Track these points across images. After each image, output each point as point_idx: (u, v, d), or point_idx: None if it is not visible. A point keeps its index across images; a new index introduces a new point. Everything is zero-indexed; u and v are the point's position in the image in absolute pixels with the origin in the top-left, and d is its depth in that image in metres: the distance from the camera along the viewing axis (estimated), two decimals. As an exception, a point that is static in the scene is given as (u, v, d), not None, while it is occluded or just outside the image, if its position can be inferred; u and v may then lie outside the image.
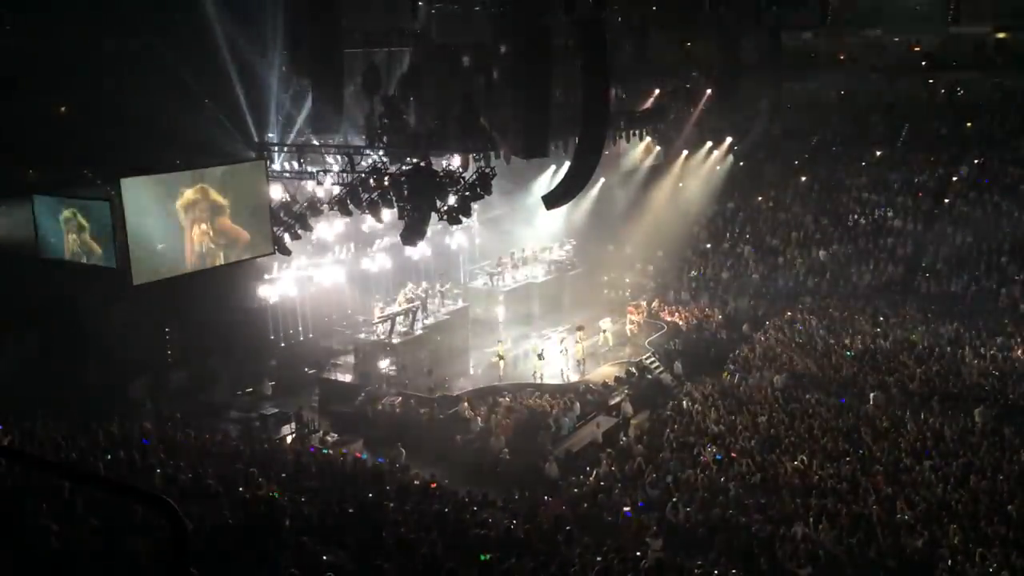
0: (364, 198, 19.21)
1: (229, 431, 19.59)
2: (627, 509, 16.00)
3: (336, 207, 20.00)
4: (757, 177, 35.39)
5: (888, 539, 14.42)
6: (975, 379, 22.17)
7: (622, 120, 24.34)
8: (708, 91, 29.52)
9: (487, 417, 20.99)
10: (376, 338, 23.73)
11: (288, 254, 21.18)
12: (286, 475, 15.29)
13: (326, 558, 10.58)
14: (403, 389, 22.47)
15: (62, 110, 19.19)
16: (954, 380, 22.19)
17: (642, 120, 26.17)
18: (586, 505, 16.57)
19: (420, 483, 16.32)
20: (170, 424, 17.89)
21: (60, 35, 17.62)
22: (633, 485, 17.17)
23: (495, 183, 19.54)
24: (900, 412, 20.29)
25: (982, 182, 32.24)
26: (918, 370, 22.67)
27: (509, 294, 27.97)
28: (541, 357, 24.47)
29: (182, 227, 17.86)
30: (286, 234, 20.20)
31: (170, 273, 17.81)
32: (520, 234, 29.68)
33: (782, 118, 35.49)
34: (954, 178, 32.92)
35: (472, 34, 20.54)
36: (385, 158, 19.42)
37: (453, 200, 19.06)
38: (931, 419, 19.77)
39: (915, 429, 19.15)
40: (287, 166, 21.01)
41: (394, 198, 18.90)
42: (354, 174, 19.38)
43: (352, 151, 19.59)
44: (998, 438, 18.67)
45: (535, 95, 18.05)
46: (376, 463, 17.99)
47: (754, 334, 26.81)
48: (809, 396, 21.61)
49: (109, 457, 13.87)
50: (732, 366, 24.39)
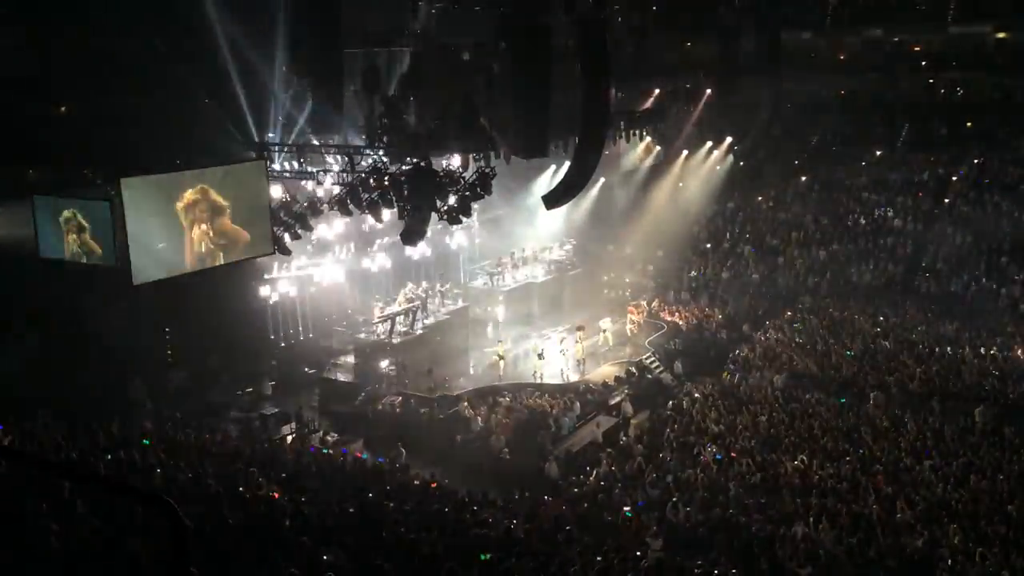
0: (364, 198, 19.21)
1: (229, 431, 19.57)
2: (627, 509, 16.00)
3: (336, 207, 20.01)
4: (757, 177, 35.41)
5: (888, 539, 14.43)
6: (975, 379, 22.18)
7: (622, 120, 24.36)
8: (708, 91, 29.56)
9: (487, 417, 20.98)
10: (376, 338, 23.73)
11: (288, 254, 21.19)
12: (286, 475, 15.29)
13: (326, 558, 10.59)
14: (403, 389, 22.46)
15: (62, 110, 19.17)
16: (954, 380, 22.20)
17: (642, 120, 26.18)
18: (586, 505, 16.56)
19: (420, 483, 16.34)
20: (170, 424, 17.88)
21: (60, 35, 17.60)
22: (633, 485, 17.17)
23: (495, 183, 19.56)
24: (900, 412, 20.31)
25: (982, 182, 32.26)
26: (918, 370, 22.67)
27: (509, 294, 27.97)
28: (541, 357, 24.48)
29: (182, 227, 17.86)
30: (286, 234, 20.21)
31: (170, 273, 17.80)
32: (520, 234, 29.68)
33: (782, 118, 35.46)
34: (954, 178, 32.93)
35: (472, 34, 20.52)
36: (385, 158, 19.41)
37: (453, 200, 19.07)
38: (931, 419, 19.79)
39: (915, 429, 19.17)
40: (287, 166, 21.01)
41: (394, 198, 18.91)
42: (354, 174, 19.38)
43: (352, 151, 19.59)
44: (998, 438, 18.68)
45: (535, 95, 18.05)
46: (376, 463, 18.00)
47: (754, 334, 26.81)
48: (809, 396, 21.63)
49: (109, 457, 13.88)
50: (732, 366, 24.39)
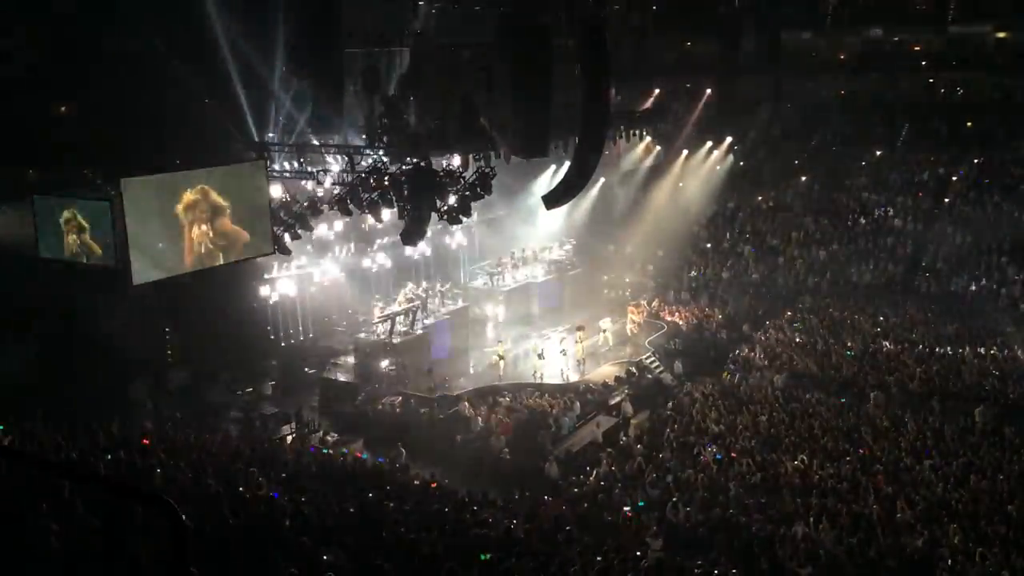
0: (364, 198, 19.21)
1: (229, 431, 19.58)
2: (627, 509, 16.00)
3: (336, 207, 20.01)
4: (757, 177, 35.39)
5: (888, 539, 14.43)
6: (975, 379, 22.18)
7: (622, 120, 24.35)
8: (708, 91, 29.56)
9: (487, 417, 20.98)
10: (376, 338, 23.73)
11: (288, 254, 21.19)
12: (286, 475, 15.29)
13: (326, 558, 10.58)
14: (403, 389, 22.46)
15: (62, 110, 19.17)
16: (954, 380, 22.20)
17: (642, 120, 26.20)
18: (586, 505, 16.56)
19: (420, 483, 16.33)
20: (170, 424, 17.89)
21: (60, 35, 17.59)
22: (633, 485, 17.17)
23: (495, 183, 19.56)
24: (900, 412, 20.32)
25: (982, 182, 32.25)
26: (918, 370, 22.68)
27: (509, 294, 27.96)
28: (541, 357, 24.47)
29: (182, 227, 17.85)
30: (286, 234, 20.21)
31: (170, 273, 17.79)
32: (520, 234, 29.68)
33: (782, 118, 35.48)
34: (954, 178, 32.93)
35: (472, 34, 20.52)
36: (385, 158, 19.41)
37: (453, 200, 19.07)
38: (931, 419, 19.79)
39: (915, 429, 19.17)
40: (287, 166, 21.02)
41: (394, 198, 18.90)
42: (354, 174, 19.38)
43: (352, 151, 19.58)
44: (998, 438, 18.69)
45: (535, 95, 18.03)
46: (376, 463, 18.00)
47: (754, 334, 26.81)
48: (809, 396, 21.62)
49: (109, 457, 13.87)
50: (732, 366, 24.39)
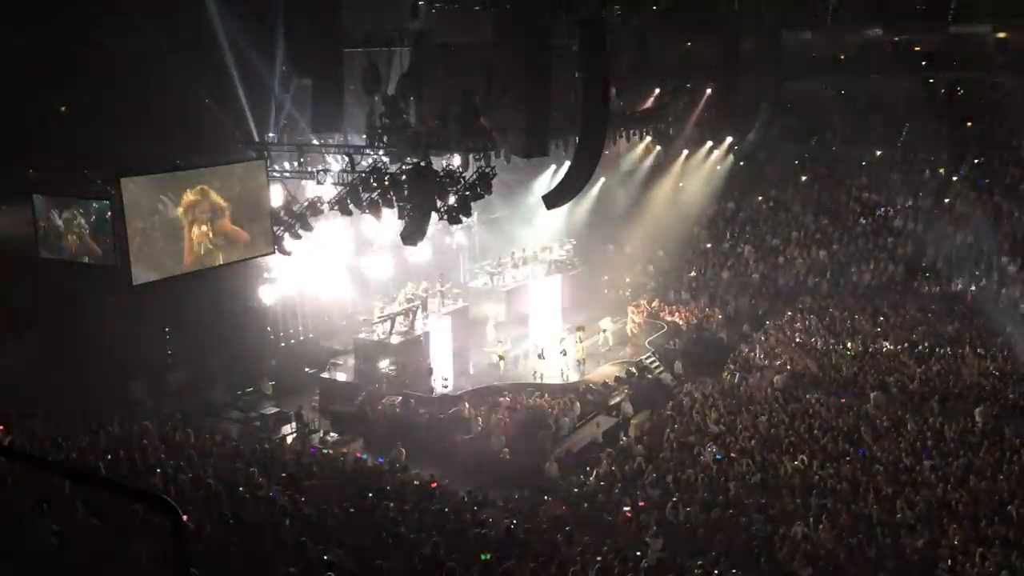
0: (364, 198, 19.22)
1: (229, 431, 19.58)
2: (627, 509, 16.00)
3: (336, 207, 20.02)
4: (757, 177, 35.36)
5: (888, 539, 14.43)
6: (975, 379, 22.16)
7: (622, 120, 24.34)
8: (708, 91, 29.53)
9: (487, 417, 20.98)
10: (376, 338, 23.73)
11: (288, 254, 21.20)
12: (286, 475, 15.29)
13: (326, 558, 10.59)
14: (403, 389, 22.46)
15: (62, 110, 19.17)
16: (954, 380, 22.18)
17: (642, 120, 26.17)
18: (586, 505, 16.57)
19: (420, 483, 16.33)
20: (170, 424, 17.89)
21: (60, 35, 17.60)
22: (633, 485, 17.17)
23: (495, 183, 19.56)
24: (900, 412, 20.31)
25: (982, 182, 32.24)
26: (918, 370, 22.67)
27: (509, 294, 27.96)
28: (542, 357, 24.47)
29: (182, 227, 17.88)
30: (286, 234, 20.22)
31: (170, 273, 17.82)
32: (520, 234, 29.67)
33: (782, 118, 35.43)
34: (954, 178, 32.92)
35: (472, 34, 20.52)
36: (385, 158, 19.42)
37: (453, 200, 19.07)
38: (931, 419, 19.77)
39: (915, 429, 19.15)
40: (287, 166, 21.02)
41: (394, 198, 18.91)
42: (354, 174, 19.38)
43: (352, 151, 19.59)
44: (998, 438, 18.66)
45: (535, 95, 18.07)
46: (376, 463, 18.00)
47: (754, 334, 26.79)
48: (809, 396, 21.62)
49: (109, 457, 13.88)
50: (732, 366, 24.38)
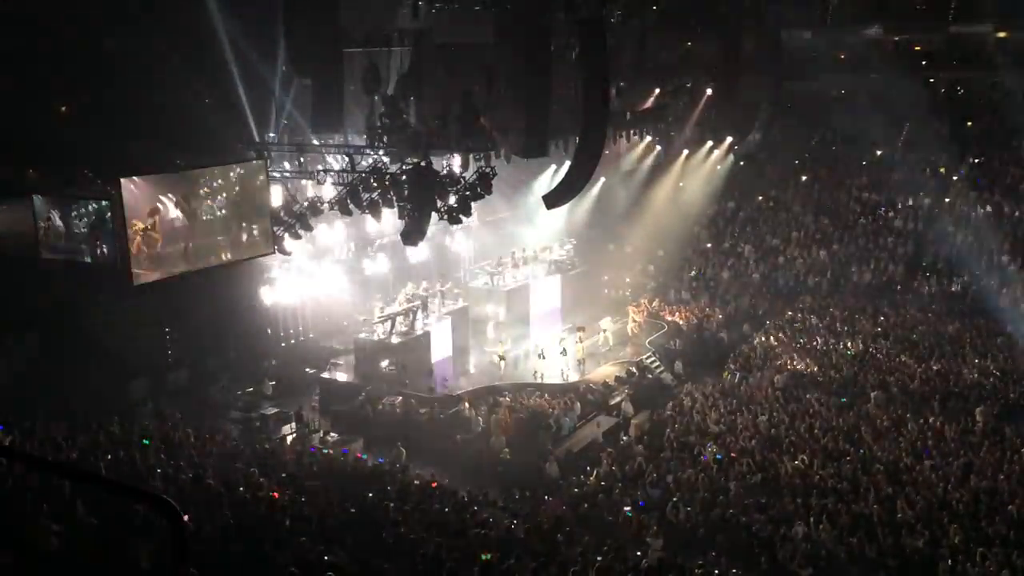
0: (364, 198, 19.22)
1: (229, 431, 19.59)
2: (627, 509, 15.99)
3: (336, 207, 20.02)
4: (757, 177, 35.36)
5: (888, 539, 14.43)
6: (975, 379, 22.16)
7: (622, 120, 24.33)
8: (708, 91, 29.52)
9: (487, 417, 20.97)
10: (376, 338, 23.72)
11: (288, 254, 21.20)
12: (286, 475, 15.30)
13: (326, 558, 10.59)
14: (403, 389, 22.46)
15: (62, 110, 19.17)
16: (954, 380, 22.18)
17: (642, 120, 26.16)
18: (586, 505, 16.56)
19: (420, 483, 16.34)
20: (170, 424, 17.89)
21: (60, 35, 17.60)
22: (633, 485, 17.16)
23: (495, 183, 19.55)
24: (900, 412, 20.30)
25: (982, 182, 32.25)
26: (918, 370, 22.67)
27: (509, 294, 27.95)
28: (542, 357, 24.46)
29: (182, 227, 17.88)
30: (286, 234, 20.23)
31: (170, 273, 17.83)
32: (521, 234, 29.67)
33: (782, 118, 35.42)
34: (954, 178, 32.93)
35: (472, 34, 20.51)
36: (385, 158, 19.42)
37: (453, 200, 19.06)
38: (931, 419, 19.77)
39: (915, 429, 19.15)
40: (287, 166, 21.02)
41: (394, 198, 18.91)
42: (354, 174, 19.38)
43: (352, 151, 19.59)
44: (998, 438, 18.67)
45: (535, 95, 18.07)
46: (376, 463, 18.00)
47: (754, 334, 26.80)
48: (809, 396, 21.61)
49: (109, 457, 13.89)
50: (732, 366, 24.36)
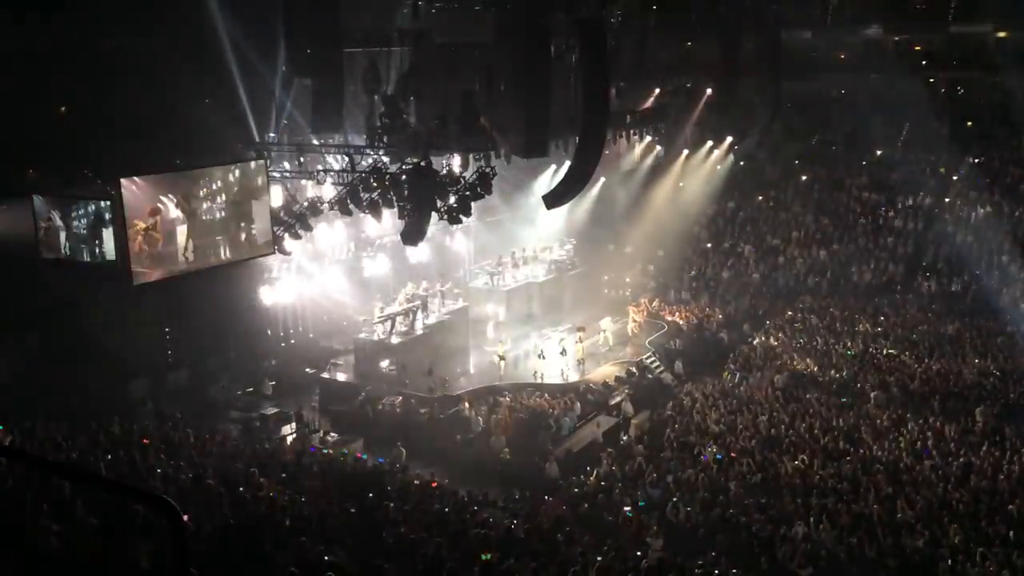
0: (364, 198, 19.21)
1: (229, 431, 19.59)
2: (627, 509, 15.99)
3: (336, 207, 20.01)
4: (757, 177, 35.37)
5: (888, 539, 14.43)
6: (975, 379, 22.16)
7: (622, 120, 24.32)
8: (708, 91, 29.51)
9: (487, 417, 20.97)
10: (376, 338, 23.72)
11: (288, 254, 21.19)
12: (286, 475, 15.29)
13: (326, 558, 10.59)
14: (403, 389, 22.46)
15: (62, 110, 19.15)
16: (954, 380, 22.18)
17: (642, 120, 26.14)
18: (586, 505, 16.56)
19: (420, 483, 16.34)
20: (170, 424, 17.90)
21: (60, 35, 17.60)
22: (634, 485, 17.16)
23: (495, 183, 19.55)
24: (900, 412, 20.31)
25: (982, 182, 32.26)
26: (918, 370, 22.67)
27: (509, 294, 27.96)
28: (542, 357, 24.45)
29: (182, 227, 17.88)
30: (286, 234, 20.22)
31: (170, 273, 17.82)
32: (521, 233, 29.67)
33: (782, 118, 35.41)
34: (954, 178, 32.93)
35: (472, 34, 20.50)
36: (385, 158, 19.41)
37: (453, 200, 19.06)
38: (931, 419, 19.77)
39: (915, 429, 19.15)
40: (287, 166, 21.01)
41: (394, 198, 18.90)
42: (354, 174, 19.38)
43: (352, 151, 19.58)
44: (998, 438, 18.68)
45: (535, 95, 18.05)
46: (376, 463, 18.00)
47: (754, 334, 26.80)
48: (809, 396, 21.61)
49: (109, 457, 13.88)
50: (732, 366, 24.37)
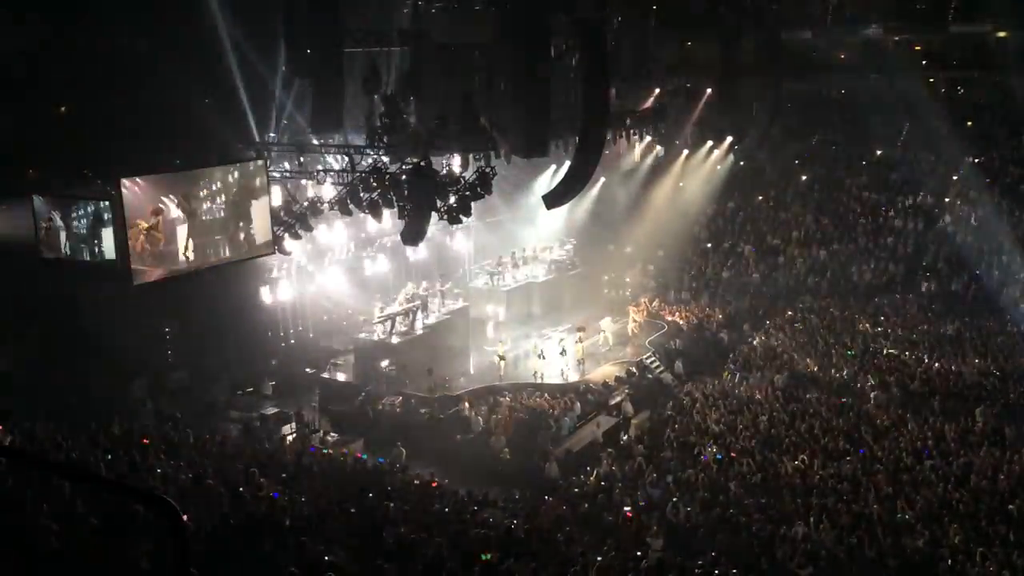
0: (364, 198, 19.22)
1: (229, 431, 19.59)
2: (627, 509, 16.00)
3: (336, 207, 20.02)
4: (757, 176, 35.37)
5: (888, 539, 14.42)
6: (975, 379, 22.16)
7: (622, 120, 24.31)
8: (708, 91, 29.51)
9: (487, 417, 20.98)
10: (376, 338, 23.72)
11: (288, 254, 21.20)
12: (286, 475, 15.29)
13: (326, 558, 10.59)
14: (403, 389, 22.46)
15: (62, 110, 19.16)
16: (954, 380, 22.18)
17: (642, 120, 26.12)
18: (586, 505, 16.57)
19: (420, 483, 16.34)
20: (170, 424, 17.90)
21: (60, 35, 17.60)
22: (634, 485, 17.17)
23: (496, 183, 19.55)
24: (900, 412, 20.30)
25: (982, 182, 32.26)
26: (918, 369, 22.67)
27: (509, 294, 27.96)
28: (542, 357, 24.45)
29: (182, 227, 17.88)
30: (286, 234, 20.23)
31: (170, 273, 17.82)
32: (521, 233, 29.68)
33: (782, 118, 35.38)
34: (954, 178, 32.93)
35: (472, 34, 20.50)
36: (385, 158, 19.41)
37: (453, 200, 19.06)
38: (931, 419, 19.77)
39: (915, 429, 19.15)
40: (287, 166, 21.02)
41: (394, 198, 18.91)
42: (354, 174, 19.38)
43: (352, 151, 19.59)
44: (998, 438, 18.68)
45: (535, 95, 18.04)
46: (376, 463, 18.00)
47: (754, 334, 26.80)
48: (809, 396, 21.61)
49: (109, 457, 13.88)
50: (732, 366, 24.37)
